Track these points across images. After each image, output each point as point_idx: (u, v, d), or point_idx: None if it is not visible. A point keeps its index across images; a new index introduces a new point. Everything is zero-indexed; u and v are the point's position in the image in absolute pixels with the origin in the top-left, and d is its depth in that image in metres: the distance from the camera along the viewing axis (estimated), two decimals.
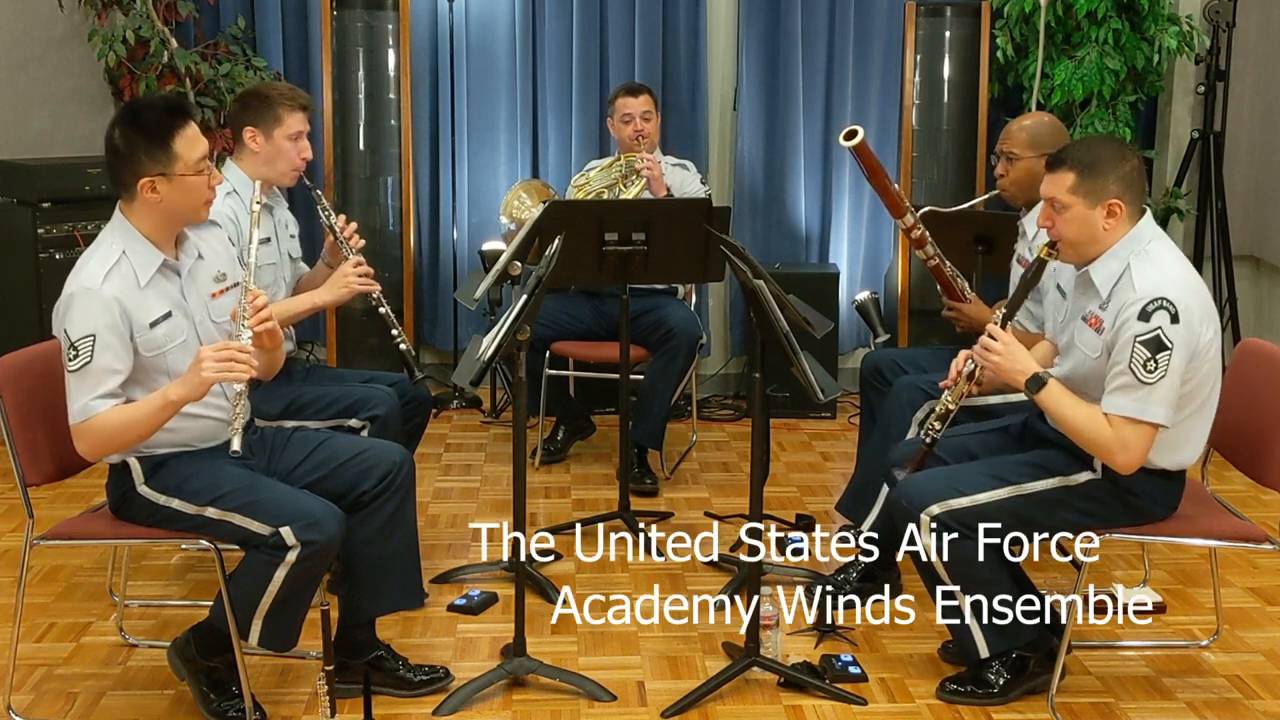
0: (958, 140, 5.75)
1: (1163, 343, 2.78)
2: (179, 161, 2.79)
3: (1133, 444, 2.83)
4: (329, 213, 3.69)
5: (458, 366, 3.34)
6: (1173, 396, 2.82)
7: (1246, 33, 5.56)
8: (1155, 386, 2.79)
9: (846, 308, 5.67)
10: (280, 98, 3.61)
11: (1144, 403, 2.80)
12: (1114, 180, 2.89)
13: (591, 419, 5.20)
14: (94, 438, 2.75)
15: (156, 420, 2.76)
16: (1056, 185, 2.93)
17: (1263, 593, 3.77)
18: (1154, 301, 2.80)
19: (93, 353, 2.71)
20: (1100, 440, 2.85)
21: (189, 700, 3.03)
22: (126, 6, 5.41)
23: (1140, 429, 2.82)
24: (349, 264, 3.62)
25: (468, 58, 5.74)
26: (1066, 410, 2.90)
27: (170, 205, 2.83)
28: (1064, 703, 3.08)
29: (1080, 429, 2.88)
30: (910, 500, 3.02)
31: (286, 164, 3.63)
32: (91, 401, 2.72)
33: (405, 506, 3.12)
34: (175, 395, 2.73)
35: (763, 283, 3.01)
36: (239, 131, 3.61)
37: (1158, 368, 2.78)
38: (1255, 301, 5.88)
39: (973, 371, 3.07)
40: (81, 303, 2.73)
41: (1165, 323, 2.79)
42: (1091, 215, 2.90)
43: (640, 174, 4.74)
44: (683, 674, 3.24)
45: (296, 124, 3.61)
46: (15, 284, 4.93)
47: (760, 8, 5.70)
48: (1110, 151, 2.95)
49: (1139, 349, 2.79)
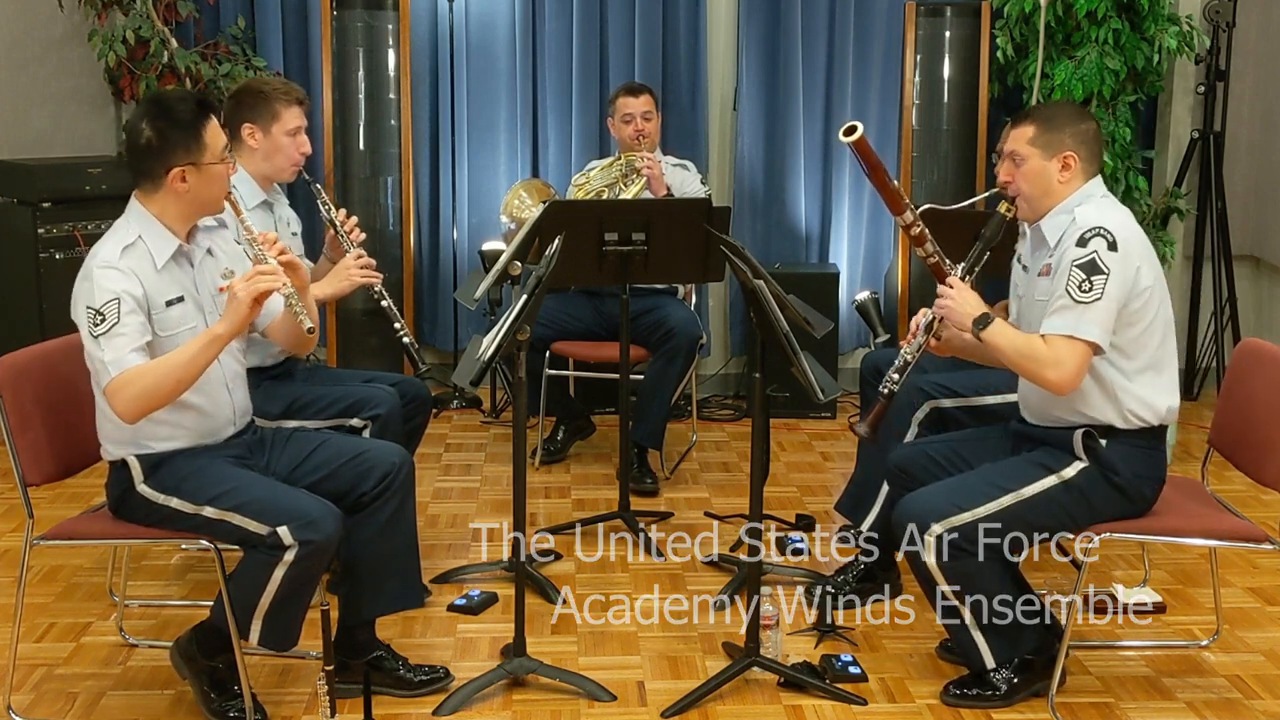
0: (958, 140, 5.75)
1: (1098, 266, 2.88)
2: (208, 151, 2.86)
3: (1066, 360, 2.88)
4: (329, 207, 3.69)
5: (458, 366, 3.34)
6: (1107, 320, 2.89)
7: (1246, 33, 5.56)
8: (1090, 306, 2.87)
9: (846, 308, 5.68)
10: (276, 93, 3.61)
11: (1078, 320, 2.88)
12: (1070, 135, 3.03)
13: (591, 419, 5.20)
14: (132, 390, 2.71)
15: (200, 361, 2.75)
16: (1017, 139, 3.07)
17: (1263, 593, 3.77)
18: (1092, 230, 2.92)
19: (119, 313, 2.73)
20: (1036, 358, 2.91)
21: (189, 700, 3.03)
22: (126, 6, 5.41)
23: (1074, 345, 2.88)
24: (350, 256, 3.63)
25: (468, 58, 5.74)
26: (1008, 339, 2.97)
27: (196, 194, 2.88)
28: (1064, 703, 3.08)
29: (1020, 352, 2.94)
30: (913, 519, 3.01)
31: (285, 159, 3.63)
32: (125, 355, 2.72)
33: (405, 507, 3.12)
34: (221, 329, 2.76)
35: (763, 283, 3.01)
36: (236, 129, 3.60)
37: (1092, 289, 2.87)
38: (1255, 301, 5.88)
39: (930, 323, 3.11)
40: (102, 274, 2.76)
41: (1101, 248, 2.89)
42: (1047, 167, 3.03)
43: (640, 173, 4.75)
44: (683, 674, 3.24)
45: (294, 119, 3.61)
46: (15, 284, 4.93)
47: (760, 8, 5.70)
48: (1070, 110, 3.15)
49: (1075, 272, 2.89)
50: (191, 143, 2.84)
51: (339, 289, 3.63)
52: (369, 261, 3.64)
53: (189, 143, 2.84)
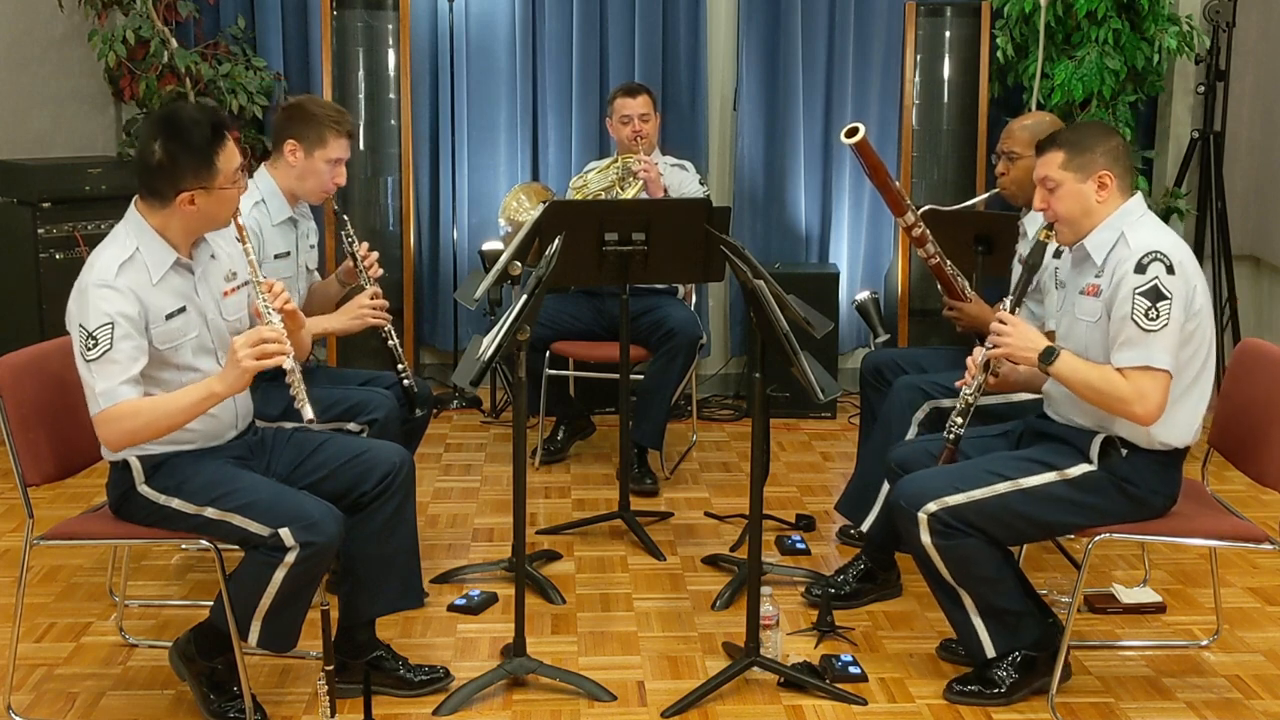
0: (958, 140, 5.75)
1: (1161, 292, 2.84)
2: (220, 175, 2.82)
3: (1149, 393, 2.85)
4: (353, 239, 3.67)
5: (458, 366, 3.34)
6: (1175, 345, 2.87)
7: (1246, 33, 5.56)
8: (1159, 334, 2.84)
9: (846, 308, 5.68)
10: (329, 120, 3.60)
11: (1150, 349, 2.84)
12: (1101, 154, 2.98)
13: (591, 419, 5.20)
14: (122, 426, 2.71)
15: (194, 411, 2.74)
16: (1047, 165, 3.02)
17: (1263, 593, 3.77)
18: (1149, 254, 2.87)
19: (112, 339, 2.70)
20: (1117, 394, 2.87)
21: (189, 700, 3.03)
22: (126, 6, 5.41)
23: (1154, 376, 2.85)
24: (365, 294, 3.62)
25: (468, 58, 5.74)
26: (1081, 374, 2.93)
27: (204, 215, 2.86)
28: (1064, 703, 3.08)
29: (1097, 388, 2.90)
30: (908, 499, 3.02)
31: (318, 184, 3.62)
32: (117, 387, 2.70)
33: (405, 507, 3.12)
34: (220, 388, 2.73)
35: (763, 283, 3.01)
36: (280, 141, 3.60)
37: (1159, 316, 2.84)
38: (1255, 301, 5.88)
39: (988, 362, 3.09)
40: (97, 294, 2.73)
41: (1161, 273, 2.85)
42: (1083, 189, 2.98)
43: (637, 176, 4.74)
44: (683, 674, 3.24)
45: (339, 150, 3.61)
46: (15, 284, 4.93)
47: (760, 8, 5.71)
48: (1095, 129, 3.08)
49: (1139, 300, 2.85)
50: (203, 168, 2.80)
51: (349, 326, 3.62)
52: (383, 302, 3.63)
53: (200, 168, 2.79)
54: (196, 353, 2.88)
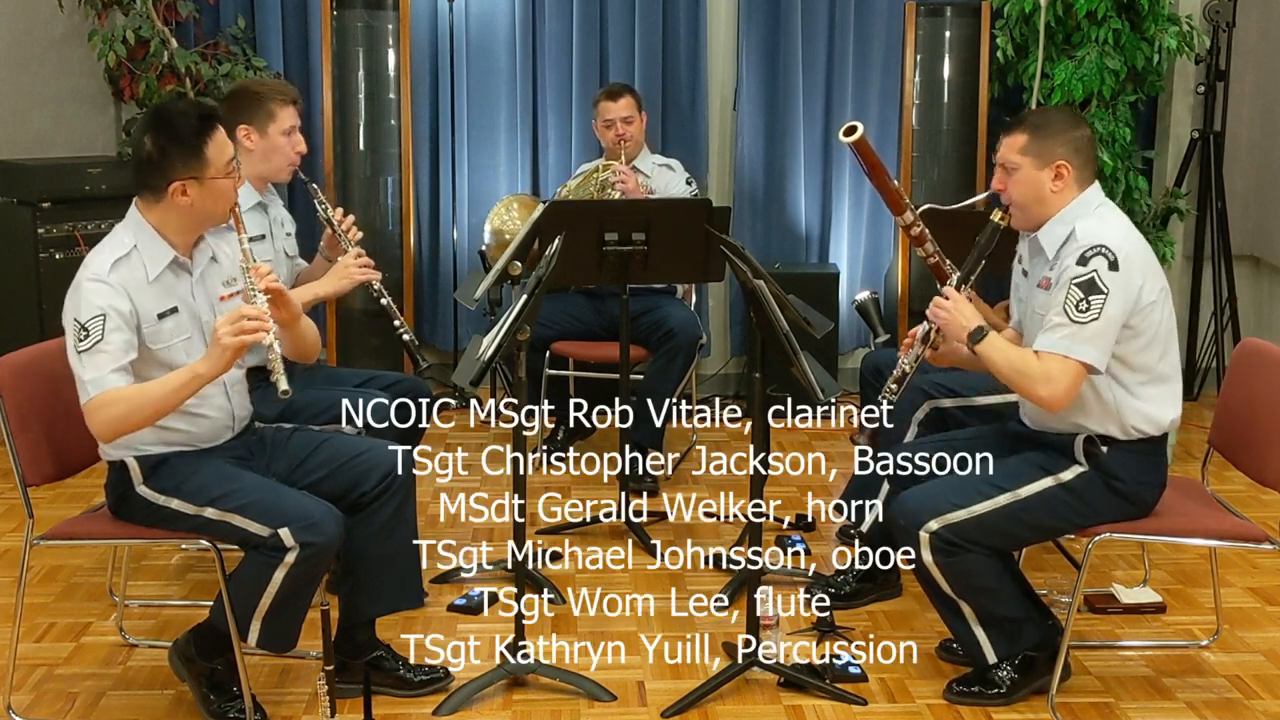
0: (958, 140, 5.74)
1: (1096, 286, 2.84)
2: (210, 166, 2.83)
3: (1057, 378, 2.85)
4: (326, 206, 3.70)
5: (458, 366, 3.34)
6: (1104, 341, 2.86)
7: (1246, 33, 5.56)
8: (1085, 326, 2.84)
9: (846, 308, 5.67)
10: (271, 93, 3.61)
11: (1071, 340, 2.84)
12: (1062, 144, 2.98)
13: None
14: (109, 413, 2.70)
15: (181, 395, 2.73)
16: (1009, 147, 3.02)
17: (1263, 593, 3.77)
18: (1093, 248, 2.87)
19: (103, 330, 2.71)
20: (1027, 372, 2.89)
21: (189, 700, 3.03)
22: (126, 6, 5.41)
23: (1067, 365, 2.85)
24: (349, 255, 3.64)
25: (468, 58, 5.74)
26: (1002, 354, 2.94)
27: (200, 208, 2.86)
28: (1064, 703, 3.08)
29: (1011, 366, 2.92)
30: (908, 517, 3.01)
31: (282, 159, 3.63)
32: (105, 375, 2.70)
33: (405, 507, 3.12)
34: (203, 369, 2.72)
35: (763, 283, 3.01)
36: (232, 130, 3.59)
37: (1089, 309, 2.84)
38: (1255, 301, 5.88)
39: (927, 334, 3.10)
40: (90, 288, 2.74)
41: (1102, 268, 2.85)
42: (1039, 176, 2.98)
43: (615, 186, 4.71)
44: (683, 674, 3.24)
45: (289, 118, 3.61)
46: (15, 284, 4.93)
47: (760, 8, 5.70)
48: (1062, 117, 3.06)
49: (1073, 290, 2.85)
50: (192, 158, 2.81)
51: (339, 287, 3.64)
52: (368, 261, 3.64)
53: (190, 158, 2.81)
54: (188, 354, 2.86)
